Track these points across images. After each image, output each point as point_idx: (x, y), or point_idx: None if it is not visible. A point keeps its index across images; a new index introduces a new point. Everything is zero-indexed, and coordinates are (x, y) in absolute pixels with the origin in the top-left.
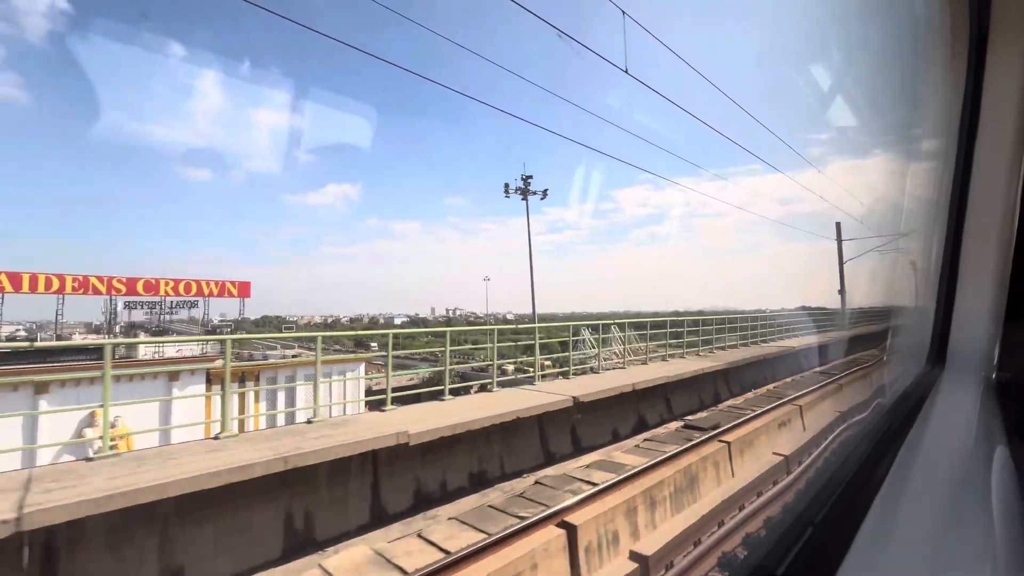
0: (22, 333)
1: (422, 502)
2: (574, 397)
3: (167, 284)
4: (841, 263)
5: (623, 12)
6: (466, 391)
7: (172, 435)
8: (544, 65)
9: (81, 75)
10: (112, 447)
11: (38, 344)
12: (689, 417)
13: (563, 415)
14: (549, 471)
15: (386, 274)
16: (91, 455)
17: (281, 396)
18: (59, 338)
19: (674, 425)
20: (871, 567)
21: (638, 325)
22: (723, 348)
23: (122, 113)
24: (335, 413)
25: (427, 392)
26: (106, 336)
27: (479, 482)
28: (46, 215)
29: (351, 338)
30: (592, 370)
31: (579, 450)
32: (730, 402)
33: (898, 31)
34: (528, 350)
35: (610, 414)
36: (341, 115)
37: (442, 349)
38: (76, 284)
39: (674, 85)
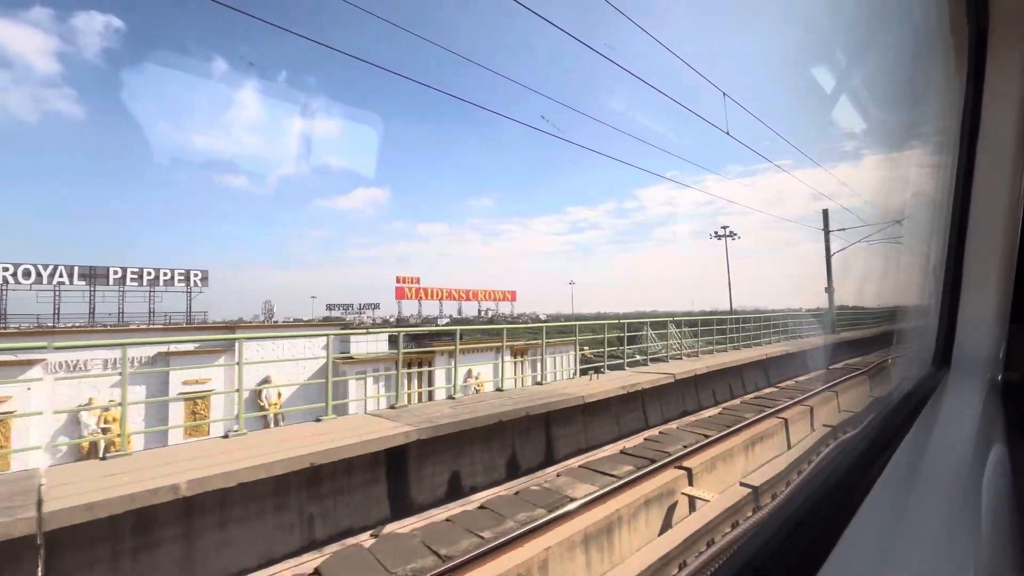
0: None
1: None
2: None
3: (483, 293)
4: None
5: (724, 94)
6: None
7: (505, 383)
8: (572, 66)
9: (129, 89)
10: (476, 390)
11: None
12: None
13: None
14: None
15: (412, 275)
16: (471, 393)
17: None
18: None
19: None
20: (852, 566)
21: (684, 323)
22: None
23: (164, 123)
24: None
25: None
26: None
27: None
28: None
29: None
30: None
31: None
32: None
33: (899, 33)
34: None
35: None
36: (366, 123)
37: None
38: (445, 294)
39: (689, 86)
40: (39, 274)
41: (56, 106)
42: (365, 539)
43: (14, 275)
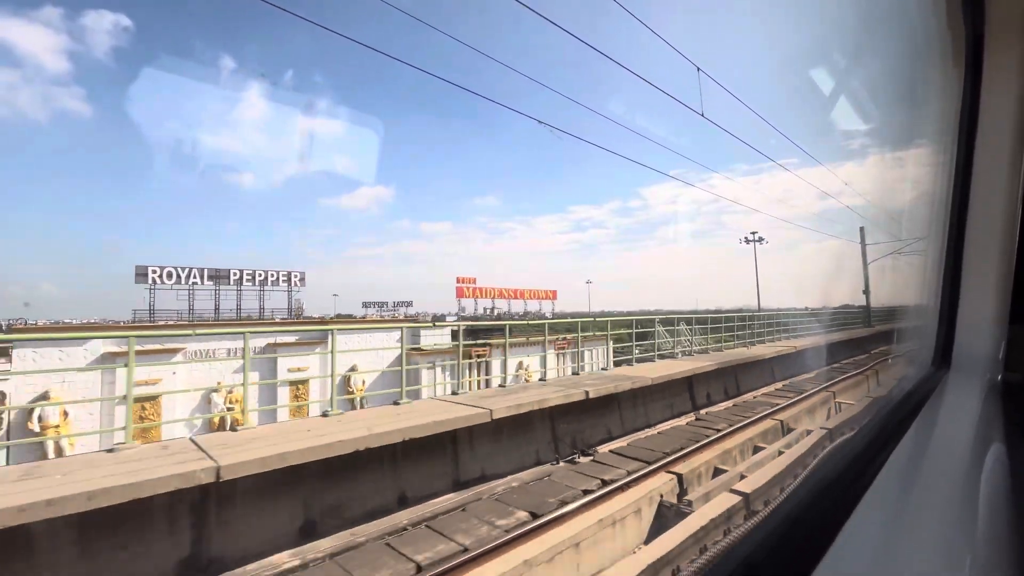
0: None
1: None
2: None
3: (528, 292)
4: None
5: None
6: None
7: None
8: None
9: (137, 89)
10: (526, 380)
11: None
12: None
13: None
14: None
15: (415, 275)
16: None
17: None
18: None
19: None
20: (847, 564)
21: (690, 321)
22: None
23: (174, 123)
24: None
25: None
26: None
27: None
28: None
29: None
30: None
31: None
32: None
33: (898, 34)
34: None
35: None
36: (371, 122)
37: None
38: (496, 293)
39: (690, 85)
40: (178, 276)
41: (65, 105)
42: (674, 422)
43: (160, 276)
